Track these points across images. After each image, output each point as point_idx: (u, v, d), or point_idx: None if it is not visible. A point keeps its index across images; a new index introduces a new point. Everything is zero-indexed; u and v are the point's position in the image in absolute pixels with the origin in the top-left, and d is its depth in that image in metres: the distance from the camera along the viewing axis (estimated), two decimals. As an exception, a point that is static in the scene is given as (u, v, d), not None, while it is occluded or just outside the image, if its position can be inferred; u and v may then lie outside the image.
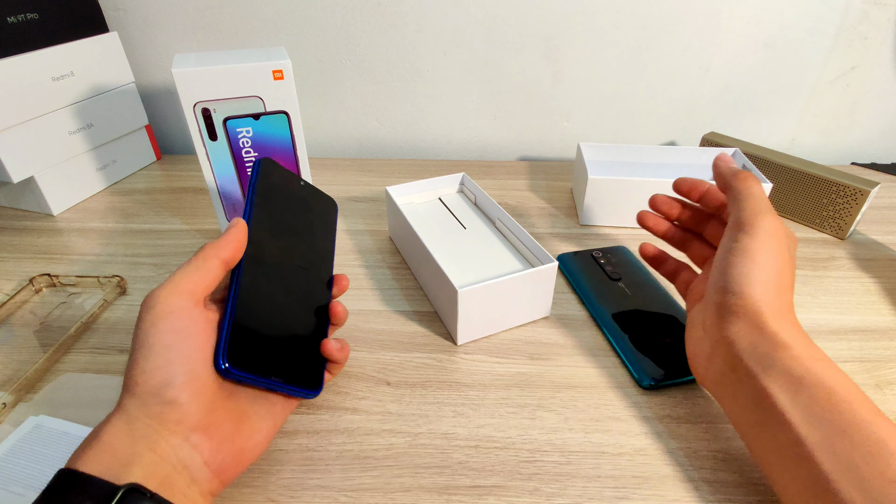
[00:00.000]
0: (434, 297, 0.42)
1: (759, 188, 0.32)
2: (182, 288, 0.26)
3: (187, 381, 0.24)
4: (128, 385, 0.24)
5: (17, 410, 0.34)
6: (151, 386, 0.24)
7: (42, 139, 0.54)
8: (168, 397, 0.23)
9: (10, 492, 0.28)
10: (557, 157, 0.76)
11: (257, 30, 0.67)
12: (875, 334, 0.41)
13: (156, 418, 0.23)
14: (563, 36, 0.66)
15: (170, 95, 0.72)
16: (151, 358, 0.24)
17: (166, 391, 0.24)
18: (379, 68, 0.69)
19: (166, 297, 0.25)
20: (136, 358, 0.24)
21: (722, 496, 0.29)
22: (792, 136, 0.74)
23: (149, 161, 0.69)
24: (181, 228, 0.54)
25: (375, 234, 0.53)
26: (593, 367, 0.38)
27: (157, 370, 0.24)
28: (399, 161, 0.71)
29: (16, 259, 0.49)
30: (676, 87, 0.70)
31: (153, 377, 0.24)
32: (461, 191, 0.54)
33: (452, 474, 0.30)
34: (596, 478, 0.30)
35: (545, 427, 0.33)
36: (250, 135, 0.44)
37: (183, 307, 0.25)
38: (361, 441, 0.32)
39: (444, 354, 0.38)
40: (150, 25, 0.67)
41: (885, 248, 0.52)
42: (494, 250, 0.44)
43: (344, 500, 0.29)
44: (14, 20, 0.51)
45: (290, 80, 0.43)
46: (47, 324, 0.40)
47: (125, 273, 0.47)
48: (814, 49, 0.66)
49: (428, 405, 0.34)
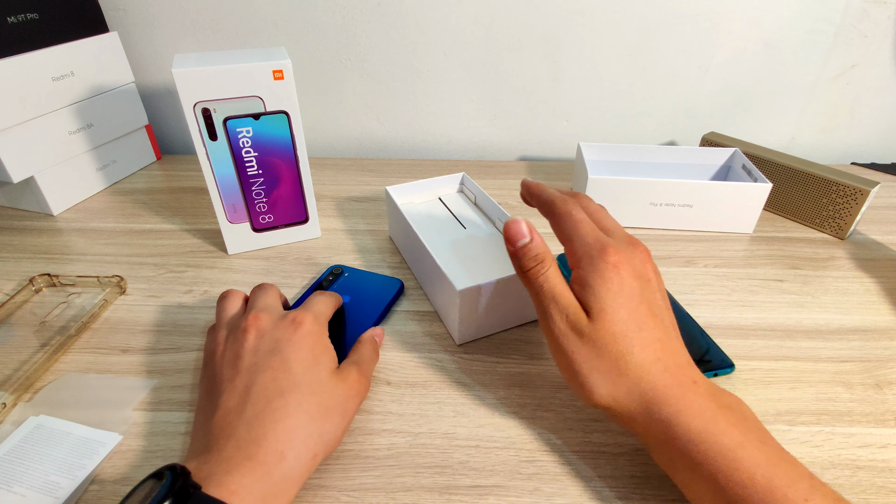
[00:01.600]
0: (434, 297, 0.42)
1: (581, 214, 0.30)
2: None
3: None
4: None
5: (18, 410, 0.34)
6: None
7: (42, 139, 0.54)
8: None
9: (11, 492, 0.28)
10: (557, 157, 0.76)
11: (257, 30, 0.67)
12: (875, 334, 0.41)
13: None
14: (563, 36, 0.66)
15: (170, 95, 0.72)
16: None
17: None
18: (379, 68, 0.69)
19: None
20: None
21: (722, 496, 0.29)
22: (791, 136, 0.74)
23: (149, 161, 0.69)
24: (181, 228, 0.54)
25: (375, 234, 0.53)
26: (593, 366, 0.38)
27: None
28: (399, 161, 0.71)
29: (16, 259, 0.49)
30: (676, 88, 0.70)
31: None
32: (461, 191, 0.54)
33: (453, 474, 0.30)
34: (596, 477, 0.30)
35: (545, 427, 0.33)
36: (250, 135, 0.44)
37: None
38: (362, 441, 0.32)
39: (444, 354, 0.38)
40: (150, 25, 0.67)
41: (885, 248, 0.52)
42: (494, 250, 0.44)
43: (345, 499, 0.29)
44: (14, 20, 0.51)
45: (290, 80, 0.43)
46: (47, 324, 0.40)
47: (125, 273, 0.47)
48: (813, 48, 0.66)
49: (428, 405, 0.34)
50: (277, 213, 0.49)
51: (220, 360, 0.30)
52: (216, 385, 0.29)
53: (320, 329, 0.32)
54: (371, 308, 0.42)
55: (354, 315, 0.41)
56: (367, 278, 0.46)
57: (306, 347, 0.30)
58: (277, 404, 0.27)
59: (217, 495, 0.22)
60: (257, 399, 0.27)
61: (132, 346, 0.39)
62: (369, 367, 0.33)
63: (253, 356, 0.29)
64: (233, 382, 0.28)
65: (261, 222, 0.49)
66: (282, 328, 0.30)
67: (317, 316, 0.33)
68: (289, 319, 0.31)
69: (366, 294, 0.44)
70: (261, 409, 0.26)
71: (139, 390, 0.35)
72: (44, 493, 0.28)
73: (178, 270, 0.48)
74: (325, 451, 0.28)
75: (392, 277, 0.46)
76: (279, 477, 0.25)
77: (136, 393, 0.35)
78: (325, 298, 0.36)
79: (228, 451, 0.25)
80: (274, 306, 0.33)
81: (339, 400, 0.29)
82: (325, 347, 0.31)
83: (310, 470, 0.27)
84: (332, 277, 0.45)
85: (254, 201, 0.48)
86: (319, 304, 0.34)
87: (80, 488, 0.29)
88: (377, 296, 0.43)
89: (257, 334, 0.30)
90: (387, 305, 0.42)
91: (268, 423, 0.26)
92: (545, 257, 0.29)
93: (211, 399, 0.28)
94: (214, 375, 0.30)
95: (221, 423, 0.26)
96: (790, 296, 0.45)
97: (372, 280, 0.45)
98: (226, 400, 0.27)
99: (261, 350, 0.29)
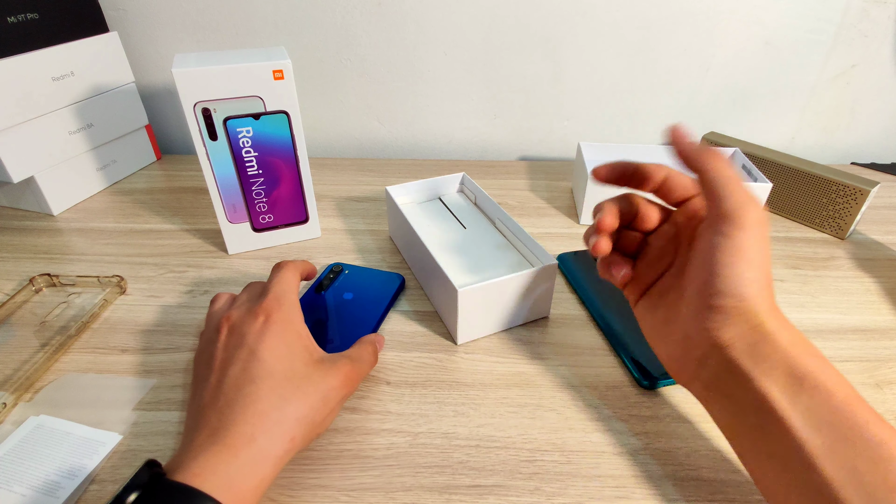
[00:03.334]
0: (434, 297, 0.42)
1: (734, 170, 0.29)
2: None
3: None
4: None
5: (18, 410, 0.34)
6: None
7: (42, 139, 0.54)
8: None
9: (11, 492, 0.28)
10: (557, 157, 0.76)
11: (257, 30, 0.67)
12: (875, 334, 0.41)
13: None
14: (563, 36, 0.66)
15: (170, 95, 0.72)
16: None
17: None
18: (379, 68, 0.69)
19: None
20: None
21: (722, 496, 0.29)
22: (792, 136, 0.74)
23: (149, 161, 0.69)
24: (181, 228, 0.54)
25: (376, 234, 0.53)
26: (593, 367, 0.38)
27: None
28: (399, 161, 0.71)
29: (16, 259, 0.49)
30: (676, 87, 0.70)
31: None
32: (461, 191, 0.54)
33: (453, 474, 0.30)
34: (596, 477, 0.30)
35: (545, 426, 0.33)
36: (250, 135, 0.44)
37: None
38: (361, 441, 0.32)
39: (444, 354, 0.38)
40: (150, 25, 0.67)
41: (885, 248, 0.52)
42: (494, 250, 0.44)
43: (344, 499, 0.29)
44: (14, 20, 0.51)
45: (291, 80, 0.43)
46: (47, 324, 0.40)
47: (125, 273, 0.47)
48: (814, 48, 0.66)
49: (428, 405, 0.34)
50: (277, 212, 0.49)
51: (198, 361, 0.31)
52: (195, 385, 0.30)
53: (287, 314, 0.31)
54: (373, 304, 0.42)
55: (357, 312, 0.41)
56: (367, 275, 0.46)
57: (274, 335, 0.30)
58: (248, 390, 0.27)
59: (181, 480, 0.23)
60: (228, 389, 0.27)
61: (132, 346, 0.39)
62: (363, 368, 0.33)
63: (224, 352, 0.29)
64: (207, 380, 0.28)
65: (261, 222, 0.49)
66: (248, 322, 0.30)
67: (281, 300, 0.32)
68: (252, 312, 0.31)
69: (367, 291, 0.44)
70: (232, 398, 0.27)
71: (139, 390, 0.35)
72: (44, 493, 0.28)
73: (179, 270, 0.48)
74: (305, 436, 0.28)
75: (392, 273, 0.46)
76: (247, 458, 0.25)
77: (135, 393, 0.35)
78: (286, 275, 0.34)
79: (199, 440, 0.25)
80: (256, 297, 0.33)
81: (319, 386, 0.29)
82: (296, 334, 0.31)
83: (288, 453, 0.27)
84: (332, 276, 0.45)
85: (254, 201, 0.48)
86: (279, 283, 0.33)
87: (80, 488, 0.29)
88: (379, 292, 0.43)
89: (228, 331, 0.30)
90: (389, 301, 0.43)
91: (237, 409, 0.26)
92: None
93: (192, 399, 0.29)
94: (195, 376, 0.30)
95: (196, 418, 0.27)
96: (790, 295, 0.45)
97: (373, 276, 0.45)
98: (201, 397, 0.28)
99: (230, 345, 0.30)
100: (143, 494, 0.22)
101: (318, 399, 0.28)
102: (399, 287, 0.44)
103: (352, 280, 0.45)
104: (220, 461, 0.24)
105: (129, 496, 0.22)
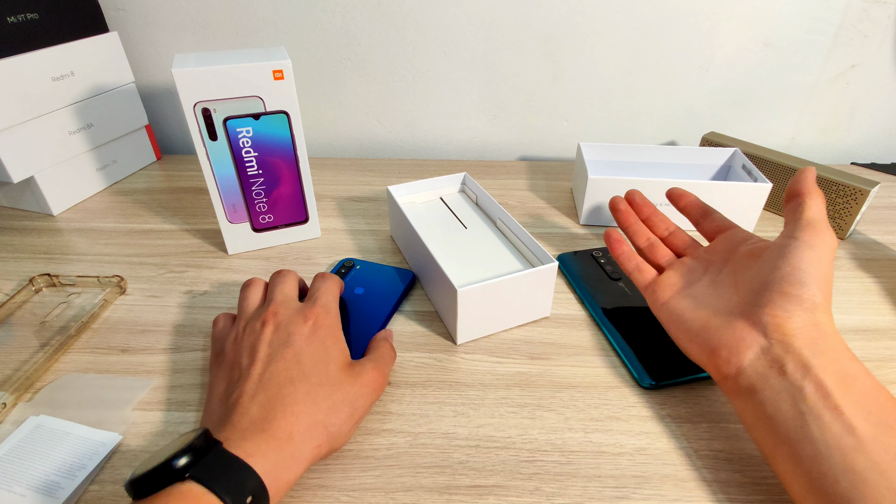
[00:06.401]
0: (434, 297, 0.42)
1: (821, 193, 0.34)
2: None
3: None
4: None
5: (18, 410, 0.34)
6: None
7: (42, 139, 0.54)
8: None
9: (11, 492, 0.28)
10: (557, 157, 0.76)
11: (257, 30, 0.67)
12: (875, 334, 0.41)
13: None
14: (563, 36, 0.66)
15: (170, 95, 0.72)
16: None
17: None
18: (379, 68, 0.69)
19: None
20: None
21: (723, 496, 0.29)
22: (792, 136, 0.74)
23: (149, 161, 0.69)
24: (181, 228, 0.54)
25: (376, 234, 0.53)
26: (593, 366, 0.38)
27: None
28: (399, 161, 0.71)
29: (16, 259, 0.49)
30: (676, 87, 0.70)
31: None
32: (463, 190, 0.54)
33: (453, 474, 0.30)
34: (596, 477, 0.30)
35: (545, 427, 0.33)
36: (250, 135, 0.44)
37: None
38: (361, 441, 0.32)
39: (444, 354, 0.38)
40: (150, 25, 0.67)
41: (885, 248, 0.52)
42: (495, 250, 0.44)
43: (345, 499, 0.29)
44: (14, 20, 0.51)
45: (290, 80, 0.43)
46: (47, 324, 0.40)
47: (125, 273, 0.47)
48: (813, 48, 0.66)
49: (428, 405, 0.34)
50: (277, 212, 0.49)
51: (239, 347, 0.32)
52: (234, 370, 0.31)
53: (332, 322, 0.34)
54: (385, 299, 0.42)
55: (369, 307, 0.42)
56: (379, 270, 0.46)
57: (318, 341, 0.32)
58: (287, 391, 0.28)
59: (236, 454, 0.24)
60: (269, 385, 0.28)
61: (132, 345, 0.39)
62: (387, 365, 0.34)
63: (269, 347, 0.31)
64: (249, 370, 0.30)
65: (261, 222, 0.49)
66: (296, 323, 0.32)
67: (328, 309, 0.34)
68: (302, 315, 0.33)
69: (379, 286, 0.44)
70: (273, 395, 0.28)
71: (139, 390, 0.35)
72: (44, 493, 0.28)
73: (178, 270, 0.48)
74: (330, 444, 0.28)
75: (404, 269, 0.46)
76: (288, 453, 0.26)
77: (135, 393, 0.35)
78: (331, 286, 0.36)
79: (243, 425, 0.26)
80: (291, 297, 0.35)
81: (349, 395, 0.30)
82: (335, 340, 0.33)
83: (312, 459, 0.27)
84: (343, 270, 0.46)
85: (254, 201, 0.48)
86: (326, 294, 0.36)
87: (80, 488, 0.29)
88: (390, 287, 0.44)
89: (274, 327, 0.32)
90: (400, 296, 0.43)
91: (278, 407, 0.27)
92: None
93: (228, 382, 0.30)
94: (233, 361, 0.31)
95: (236, 404, 0.28)
96: (790, 296, 0.45)
97: (384, 272, 0.46)
98: (242, 384, 0.29)
99: (276, 342, 0.31)
100: (197, 459, 0.23)
101: (347, 408, 0.29)
102: (410, 283, 0.45)
103: (363, 275, 0.45)
104: (270, 448, 0.25)
105: (181, 459, 0.23)
